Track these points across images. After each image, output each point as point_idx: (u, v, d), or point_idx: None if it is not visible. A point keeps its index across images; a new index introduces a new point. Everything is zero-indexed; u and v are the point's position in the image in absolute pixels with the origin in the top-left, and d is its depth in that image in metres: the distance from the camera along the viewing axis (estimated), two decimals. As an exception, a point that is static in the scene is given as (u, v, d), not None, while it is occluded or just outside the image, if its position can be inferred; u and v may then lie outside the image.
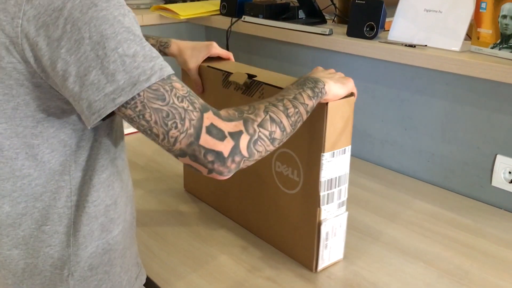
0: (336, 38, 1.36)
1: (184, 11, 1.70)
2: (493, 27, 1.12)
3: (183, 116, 0.64)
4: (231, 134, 0.66)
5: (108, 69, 0.60)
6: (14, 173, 0.69)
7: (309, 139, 0.87)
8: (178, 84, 0.65)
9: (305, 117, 0.77)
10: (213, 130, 0.65)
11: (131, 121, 0.64)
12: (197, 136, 0.64)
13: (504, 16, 1.09)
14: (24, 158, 0.68)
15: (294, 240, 0.96)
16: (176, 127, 0.63)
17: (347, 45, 1.34)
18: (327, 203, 0.90)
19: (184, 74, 1.13)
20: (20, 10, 0.60)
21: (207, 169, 0.66)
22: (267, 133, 0.70)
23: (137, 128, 0.65)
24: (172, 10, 1.69)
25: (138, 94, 0.61)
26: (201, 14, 1.73)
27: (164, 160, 1.41)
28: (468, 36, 1.20)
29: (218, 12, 1.74)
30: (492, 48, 1.13)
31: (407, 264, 0.96)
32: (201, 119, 0.65)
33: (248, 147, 0.67)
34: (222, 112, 0.69)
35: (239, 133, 0.67)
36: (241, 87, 0.97)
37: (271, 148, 0.71)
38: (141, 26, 1.76)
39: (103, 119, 0.65)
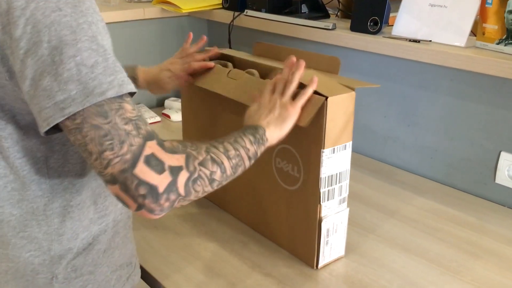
0: (339, 33, 1.35)
1: (186, 5, 1.69)
2: (499, 23, 1.10)
3: (122, 139, 0.59)
4: (171, 168, 0.61)
5: (62, 76, 0.57)
6: None
7: (309, 135, 0.86)
8: (129, 106, 0.60)
9: (246, 162, 0.73)
10: (152, 161, 0.60)
11: (68, 133, 0.60)
12: (133, 163, 0.59)
13: (510, 12, 1.08)
14: (0, 158, 0.67)
15: (295, 237, 0.95)
16: (112, 149, 0.58)
17: (350, 40, 1.33)
18: (328, 200, 0.89)
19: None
20: None
21: (137, 204, 0.60)
22: (207, 172, 0.66)
23: (73, 141, 0.60)
24: (174, 3, 1.68)
25: (83, 109, 0.57)
26: (203, 7, 1.72)
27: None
28: (473, 32, 1.19)
29: (220, 6, 1.72)
30: (497, 44, 1.12)
31: (409, 261, 0.96)
32: (142, 146, 0.59)
33: (186, 185, 0.62)
34: (166, 143, 0.63)
35: (179, 168, 0.62)
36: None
37: (209, 189, 0.67)
38: (143, 19, 1.76)
39: (58, 129, 0.61)
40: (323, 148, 0.85)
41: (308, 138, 0.87)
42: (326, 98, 0.82)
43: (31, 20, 0.57)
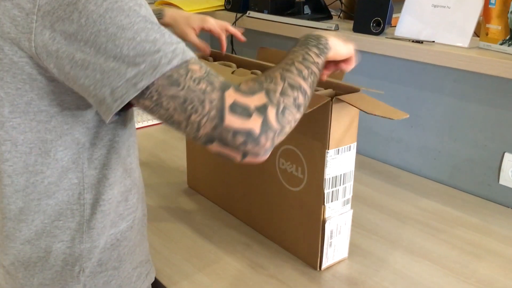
0: (342, 34, 1.35)
1: (188, 6, 1.69)
2: (502, 23, 1.10)
3: (202, 98, 0.60)
4: (258, 109, 0.61)
5: (128, 56, 0.59)
6: (28, 168, 0.69)
7: (313, 135, 0.86)
8: (196, 66, 0.62)
9: (318, 75, 0.73)
10: (237, 108, 0.60)
11: (151, 112, 0.62)
12: (221, 117, 0.60)
13: (514, 12, 1.07)
14: (37, 154, 0.68)
15: (298, 238, 0.95)
16: (196, 111, 0.60)
17: (353, 41, 1.32)
18: (332, 201, 0.89)
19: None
20: (35, 6, 0.60)
21: (241, 153, 0.61)
22: (291, 100, 0.65)
23: (159, 118, 0.62)
24: (176, 5, 1.68)
25: (153, 83, 0.59)
26: (205, 9, 1.72)
27: (167, 156, 1.40)
28: (476, 33, 1.18)
29: (223, 8, 1.72)
30: (501, 44, 1.11)
31: (413, 263, 0.95)
32: (222, 98, 0.60)
33: (277, 118, 0.62)
34: (243, 86, 0.64)
35: (265, 106, 0.62)
36: None
37: (297, 116, 0.66)
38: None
39: (119, 114, 0.63)
40: (328, 149, 0.84)
41: (312, 138, 0.86)
42: (332, 98, 0.82)
43: (84, 13, 0.59)
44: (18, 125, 0.67)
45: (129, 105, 0.62)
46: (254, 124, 0.60)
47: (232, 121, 0.60)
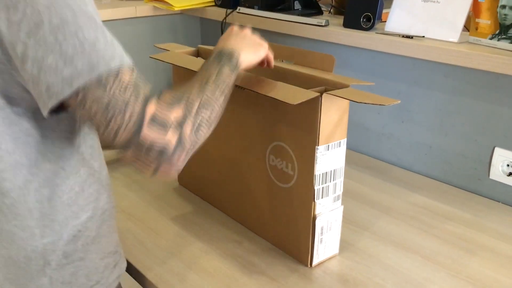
0: (332, 30, 1.34)
1: (178, 3, 1.68)
2: (492, 18, 1.10)
3: (123, 108, 0.60)
4: (175, 123, 0.63)
5: (67, 53, 0.59)
6: None
7: (303, 132, 0.85)
8: (127, 73, 0.62)
9: (228, 92, 0.75)
10: (156, 122, 0.61)
11: (75, 110, 0.62)
12: (138, 129, 0.61)
13: (503, 6, 1.07)
14: None
15: (289, 235, 0.94)
16: (115, 120, 0.60)
17: (343, 37, 1.32)
18: (322, 197, 0.88)
19: (175, 73, 1.11)
20: None
21: (152, 168, 0.62)
22: (206, 117, 0.67)
23: (80, 118, 0.63)
24: (166, 1, 1.67)
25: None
26: (195, 5, 1.71)
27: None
28: (466, 27, 1.18)
29: (213, 3, 1.71)
30: (490, 39, 1.11)
31: (404, 259, 0.95)
32: (143, 111, 0.61)
33: (191, 135, 0.64)
34: (165, 96, 0.65)
35: (182, 120, 0.63)
36: None
37: (208, 132, 0.69)
38: (134, 18, 1.74)
39: (57, 112, 0.63)
40: (317, 145, 0.84)
41: (302, 135, 0.86)
42: (321, 94, 0.81)
43: (30, 2, 0.58)
44: None
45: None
46: (169, 140, 0.62)
47: (148, 135, 0.61)
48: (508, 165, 1.14)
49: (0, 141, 0.67)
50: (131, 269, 0.94)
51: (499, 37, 1.09)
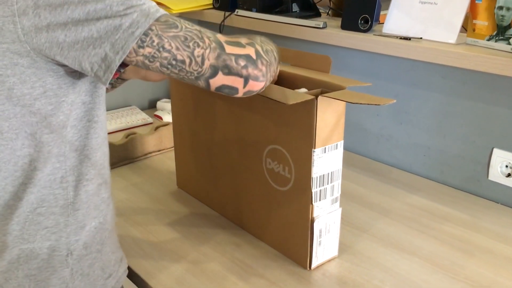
0: (330, 32, 1.34)
1: (176, 5, 1.68)
2: (489, 19, 1.10)
3: (200, 35, 0.66)
4: (247, 43, 0.70)
5: (119, 11, 0.62)
6: (15, 153, 0.68)
7: (299, 135, 0.85)
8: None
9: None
10: (231, 42, 0.69)
11: (153, 60, 0.65)
12: (221, 47, 0.67)
13: (501, 8, 1.07)
14: (24, 137, 0.68)
15: (287, 238, 0.94)
16: (198, 45, 0.66)
17: (341, 39, 1.32)
18: (320, 200, 0.88)
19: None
20: None
21: (243, 77, 0.68)
22: (269, 48, 0.75)
23: (160, 66, 0.66)
24: (164, 4, 1.67)
25: (151, 29, 0.63)
26: (193, 8, 1.71)
27: (157, 157, 1.39)
28: (464, 28, 1.18)
29: (211, 6, 1.71)
30: (488, 40, 1.11)
31: (403, 260, 0.95)
32: (215, 36, 0.68)
33: (263, 52, 0.71)
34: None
35: (252, 43, 0.71)
36: None
37: (274, 65, 0.75)
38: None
39: (112, 84, 0.67)
40: (314, 148, 0.84)
41: (298, 138, 0.86)
42: (317, 97, 0.81)
43: None
44: (2, 112, 0.66)
45: (123, 66, 0.65)
46: (249, 51, 0.69)
47: (231, 49, 0.68)
48: (507, 166, 1.14)
49: (36, 131, 0.68)
50: (129, 273, 0.94)
51: (497, 38, 1.09)
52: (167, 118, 1.67)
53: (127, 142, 1.34)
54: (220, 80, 0.68)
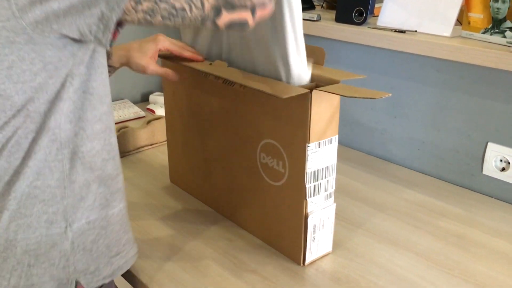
0: (324, 24, 1.33)
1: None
2: (485, 12, 1.09)
3: None
4: None
5: None
6: (17, 131, 0.68)
7: (293, 129, 0.84)
8: None
9: None
10: None
11: (153, 14, 0.65)
12: None
13: (496, 0, 1.06)
14: (26, 114, 0.68)
15: (281, 233, 0.93)
16: None
17: (335, 31, 1.31)
18: (314, 195, 0.87)
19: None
20: None
21: (250, 9, 0.68)
22: None
23: (162, 19, 0.66)
24: None
25: None
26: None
27: (149, 151, 1.38)
28: (459, 21, 1.17)
29: None
30: (483, 33, 1.10)
31: (397, 256, 0.94)
32: None
33: None
34: None
35: None
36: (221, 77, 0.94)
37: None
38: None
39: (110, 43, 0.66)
40: (308, 143, 0.83)
41: (293, 132, 0.85)
42: (311, 90, 0.80)
43: None
44: (3, 92, 0.66)
45: (122, 25, 0.65)
46: None
47: None
48: (501, 160, 1.13)
49: (40, 108, 0.68)
50: (121, 269, 0.93)
51: (492, 31, 1.08)
52: (160, 111, 1.65)
53: (119, 136, 1.32)
54: (226, 18, 0.68)
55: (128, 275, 0.91)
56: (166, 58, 1.08)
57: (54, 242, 0.73)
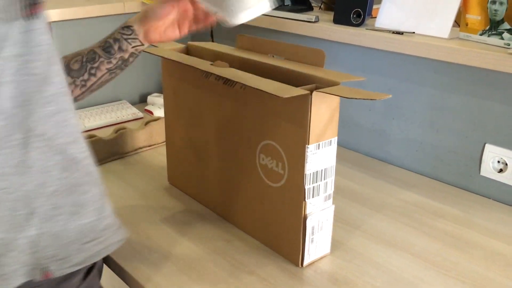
0: (322, 26, 1.33)
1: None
2: (482, 13, 1.09)
3: None
4: None
5: None
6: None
7: (293, 130, 0.84)
8: None
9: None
10: None
11: None
12: None
13: (493, 2, 1.07)
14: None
15: (280, 235, 0.93)
16: None
17: (333, 33, 1.31)
18: (313, 197, 0.87)
19: (164, 67, 1.10)
20: None
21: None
22: None
23: None
24: (154, -3, 1.65)
25: None
26: (184, 1, 1.69)
27: (147, 152, 1.38)
28: (457, 22, 1.18)
29: None
30: (481, 35, 1.11)
31: (395, 257, 0.95)
32: None
33: None
34: None
35: None
36: (221, 77, 0.94)
37: None
38: (123, 14, 1.72)
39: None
40: (308, 144, 0.83)
41: (292, 133, 0.85)
42: (311, 92, 0.80)
43: None
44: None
45: None
46: None
47: None
48: (499, 162, 1.14)
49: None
50: (118, 269, 0.93)
51: (489, 33, 1.09)
52: (158, 112, 1.65)
53: (116, 137, 1.32)
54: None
55: (125, 276, 0.91)
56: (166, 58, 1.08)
57: (22, 228, 0.70)
